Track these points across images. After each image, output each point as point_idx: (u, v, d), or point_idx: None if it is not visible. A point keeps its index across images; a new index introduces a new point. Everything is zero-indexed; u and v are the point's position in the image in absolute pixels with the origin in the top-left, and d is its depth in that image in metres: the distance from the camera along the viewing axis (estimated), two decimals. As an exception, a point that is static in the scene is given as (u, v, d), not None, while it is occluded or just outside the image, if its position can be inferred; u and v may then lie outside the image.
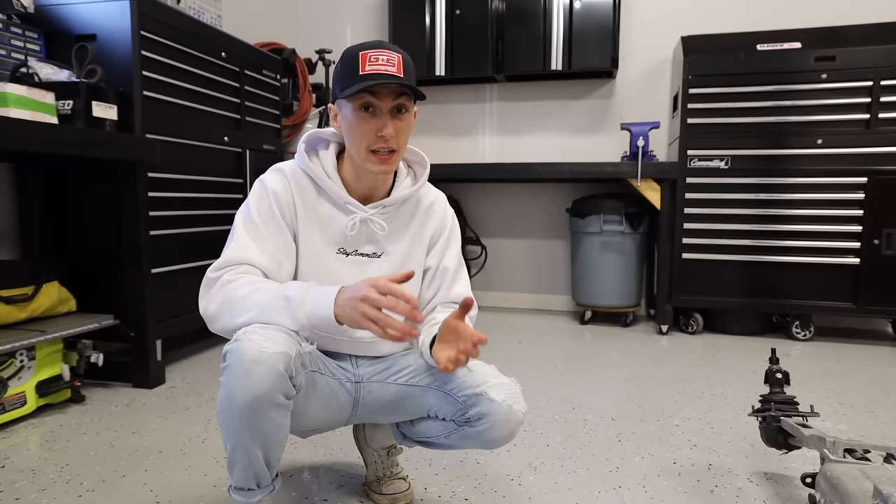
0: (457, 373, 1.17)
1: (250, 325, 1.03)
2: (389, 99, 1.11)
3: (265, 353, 0.97)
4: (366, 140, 1.12)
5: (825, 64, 2.82)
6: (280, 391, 0.99)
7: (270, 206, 1.16)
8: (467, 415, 1.14)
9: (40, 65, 1.99)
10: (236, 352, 0.98)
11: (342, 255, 1.21)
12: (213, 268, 1.11)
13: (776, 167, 2.91)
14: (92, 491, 1.42)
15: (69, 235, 2.21)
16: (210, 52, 2.52)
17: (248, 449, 1.03)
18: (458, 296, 1.26)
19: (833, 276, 2.88)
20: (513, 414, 1.12)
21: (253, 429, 1.00)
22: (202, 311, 1.10)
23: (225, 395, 0.99)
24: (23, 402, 1.84)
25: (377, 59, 1.09)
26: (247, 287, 1.06)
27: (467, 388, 1.14)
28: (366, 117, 1.12)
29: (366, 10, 3.95)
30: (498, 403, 1.11)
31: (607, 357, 2.67)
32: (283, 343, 1.00)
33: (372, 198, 1.22)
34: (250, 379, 0.96)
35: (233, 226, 1.17)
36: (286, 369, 0.99)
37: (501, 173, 3.42)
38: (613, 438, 1.75)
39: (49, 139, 1.73)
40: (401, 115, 1.14)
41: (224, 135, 2.63)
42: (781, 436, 1.43)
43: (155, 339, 2.19)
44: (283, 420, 1.04)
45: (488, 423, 1.12)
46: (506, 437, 1.15)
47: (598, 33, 3.33)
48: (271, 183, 1.18)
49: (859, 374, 2.42)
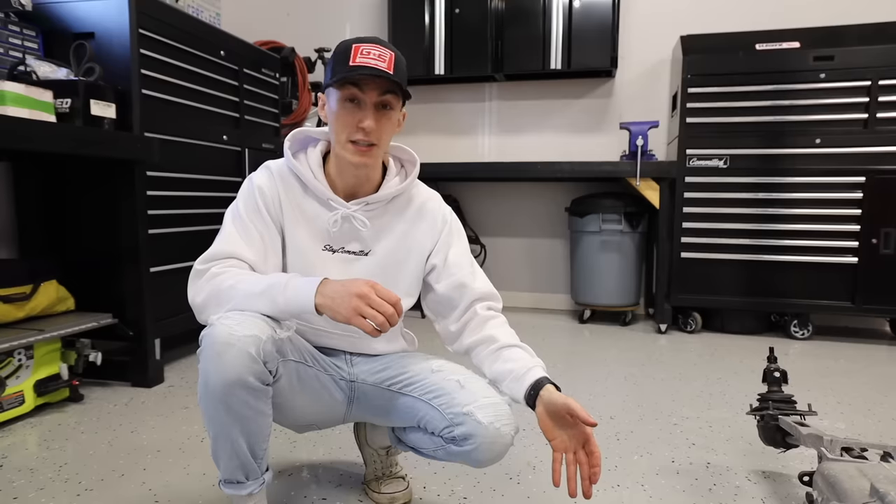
0: (448, 388, 1.16)
1: (227, 312, 1.04)
2: (375, 94, 1.12)
3: (235, 336, 0.98)
4: (346, 130, 1.13)
5: (824, 64, 2.82)
6: (251, 374, 0.99)
7: (256, 202, 1.18)
8: (454, 433, 1.12)
9: (38, 63, 1.99)
10: (209, 336, 1.00)
11: (328, 252, 1.21)
12: (202, 260, 1.12)
13: (775, 166, 2.92)
14: (90, 490, 1.41)
15: (67, 234, 2.21)
16: (209, 51, 2.52)
17: (230, 437, 1.03)
18: (483, 291, 1.24)
19: (831, 276, 2.89)
20: (500, 437, 1.10)
21: (231, 413, 1.01)
22: (190, 300, 1.11)
23: (202, 380, 1.01)
24: (21, 401, 1.84)
25: (369, 52, 1.10)
26: (233, 278, 1.08)
27: (455, 405, 1.13)
28: (349, 108, 1.13)
29: (365, 8, 3.94)
30: (484, 426, 1.09)
31: (606, 356, 2.67)
32: (254, 327, 1.01)
33: (357, 195, 1.22)
34: (221, 361, 0.98)
35: (223, 221, 1.19)
36: (257, 352, 0.99)
37: (501, 172, 3.42)
38: (612, 437, 1.75)
39: (47, 137, 1.73)
40: (385, 111, 1.14)
41: (223, 133, 2.63)
42: (779, 434, 1.44)
43: (153, 338, 2.19)
44: (261, 406, 1.04)
45: (474, 444, 1.10)
46: (493, 459, 1.13)
47: (598, 33, 3.33)
48: (257, 179, 1.20)
49: (857, 373, 2.42)
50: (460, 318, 1.24)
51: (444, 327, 1.28)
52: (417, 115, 3.92)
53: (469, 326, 1.23)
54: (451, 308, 1.25)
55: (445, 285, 1.25)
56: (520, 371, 1.14)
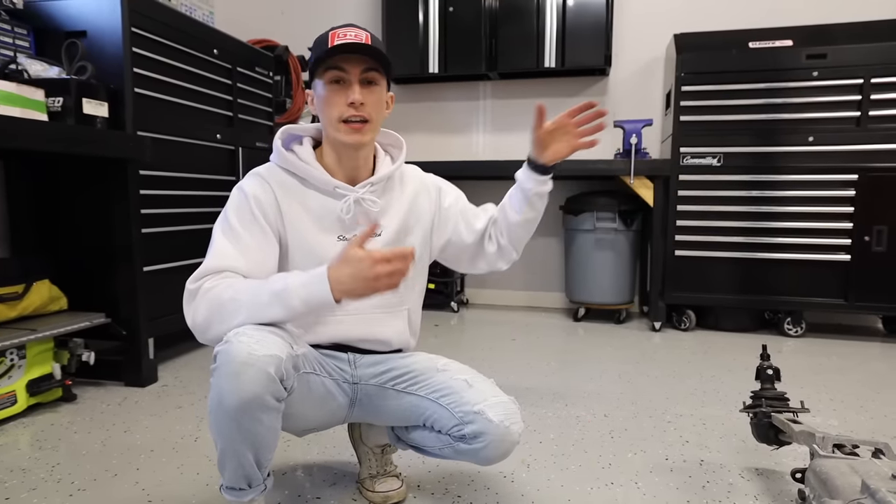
0: (456, 387, 1.17)
1: (242, 327, 1.01)
2: (358, 69, 1.15)
3: (255, 356, 0.96)
4: (337, 110, 1.15)
5: (816, 62, 2.83)
6: (270, 394, 0.98)
7: (251, 211, 1.15)
8: (463, 431, 1.14)
9: (30, 61, 1.98)
10: (226, 353, 0.97)
11: (343, 241, 1.20)
12: (193, 279, 1.09)
13: (768, 164, 2.93)
14: (83, 490, 1.41)
15: (60, 233, 2.20)
16: (202, 49, 2.51)
17: (237, 451, 1.02)
18: (487, 217, 1.38)
19: (824, 273, 2.90)
20: (509, 435, 1.12)
21: (242, 431, 1.00)
22: (190, 323, 1.08)
23: (214, 397, 0.98)
24: (13, 401, 1.83)
25: (345, 34, 1.13)
26: (230, 289, 1.05)
27: (465, 404, 1.14)
28: (336, 89, 1.15)
29: (359, 6, 3.94)
30: (495, 424, 1.11)
31: (600, 354, 2.67)
32: (273, 345, 0.99)
33: (357, 180, 1.24)
34: (239, 381, 0.96)
35: (212, 235, 1.16)
36: (276, 372, 0.98)
37: (495, 171, 3.42)
38: (606, 435, 1.75)
39: (39, 136, 1.72)
40: (371, 87, 1.17)
41: (216, 132, 2.62)
42: (772, 432, 1.44)
43: (147, 338, 2.18)
44: (273, 423, 1.03)
45: (484, 442, 1.12)
46: (501, 457, 1.15)
47: (592, 31, 3.34)
48: (250, 188, 1.17)
49: (850, 370, 2.44)
50: (490, 238, 1.37)
51: (486, 254, 1.38)
52: (411, 113, 3.92)
53: (493, 235, 1.37)
54: (479, 243, 1.37)
55: (462, 222, 1.36)
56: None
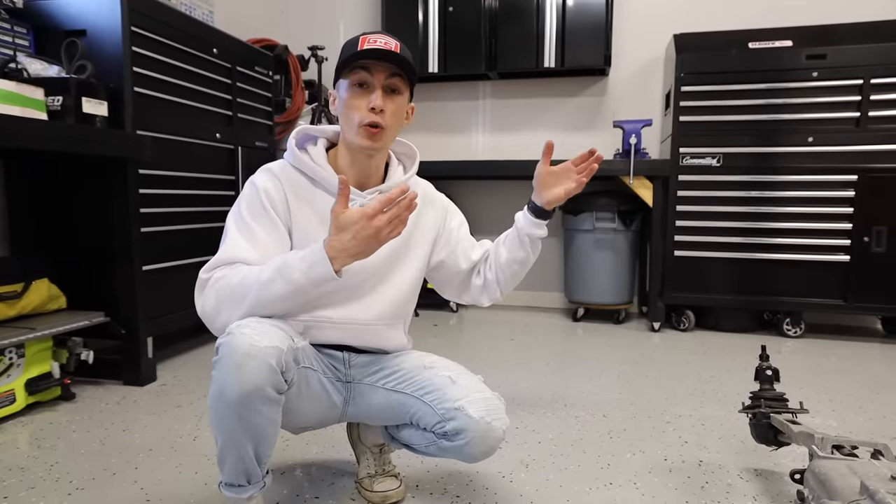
0: (439, 383, 1.17)
1: (244, 319, 1.03)
2: (382, 75, 1.15)
3: (256, 347, 0.97)
4: (357, 115, 1.15)
5: (816, 62, 2.83)
6: (271, 385, 0.99)
7: (262, 204, 1.16)
8: (445, 428, 1.14)
9: (29, 60, 1.98)
10: (228, 345, 0.98)
11: None
12: (205, 269, 1.12)
13: (768, 165, 2.93)
14: (81, 489, 1.41)
15: (59, 232, 2.20)
16: (202, 49, 2.51)
17: (238, 444, 1.03)
18: (482, 251, 1.39)
19: (823, 274, 2.90)
20: (491, 431, 1.12)
21: (243, 423, 1.00)
22: (200, 312, 1.10)
23: (216, 388, 0.99)
24: (12, 399, 1.83)
25: (375, 40, 1.14)
26: (238, 275, 1.07)
27: (447, 400, 1.15)
28: (359, 93, 1.15)
29: (359, 6, 3.93)
30: (475, 420, 1.11)
31: (599, 354, 2.67)
32: (275, 337, 1.00)
33: (366, 185, 1.24)
34: (241, 373, 0.97)
35: (225, 227, 1.18)
36: (277, 363, 0.99)
37: (495, 170, 3.42)
38: (605, 435, 1.75)
39: (38, 135, 1.72)
40: (393, 95, 1.17)
41: (216, 131, 2.62)
42: (771, 432, 1.44)
43: (146, 337, 2.18)
44: (273, 415, 1.04)
45: (465, 439, 1.12)
46: (484, 454, 1.15)
47: (591, 31, 3.34)
48: (261, 182, 1.19)
49: (849, 371, 2.44)
50: (478, 273, 1.38)
51: (471, 287, 1.39)
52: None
53: (482, 270, 1.38)
54: (469, 274, 1.37)
55: (463, 257, 1.36)
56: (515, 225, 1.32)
